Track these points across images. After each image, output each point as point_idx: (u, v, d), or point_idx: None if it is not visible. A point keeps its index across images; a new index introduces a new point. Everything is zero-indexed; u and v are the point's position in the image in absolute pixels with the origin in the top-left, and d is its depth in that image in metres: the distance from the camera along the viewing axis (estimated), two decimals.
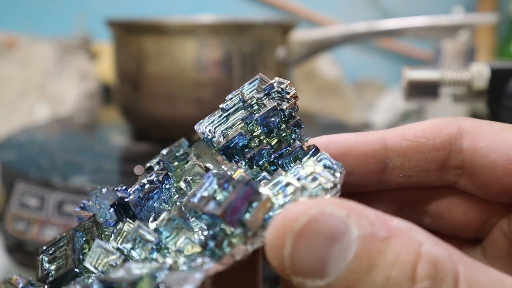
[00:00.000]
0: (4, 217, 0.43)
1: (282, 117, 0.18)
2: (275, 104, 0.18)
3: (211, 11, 0.79)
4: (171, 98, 0.50)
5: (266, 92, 0.19)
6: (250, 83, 0.19)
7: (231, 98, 0.19)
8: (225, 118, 0.18)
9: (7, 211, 0.43)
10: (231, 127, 0.18)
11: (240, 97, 0.18)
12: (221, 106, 0.18)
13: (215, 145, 0.18)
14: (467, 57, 0.75)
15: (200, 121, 0.18)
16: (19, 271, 0.45)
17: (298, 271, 0.13)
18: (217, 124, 0.18)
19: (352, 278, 0.12)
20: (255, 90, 0.19)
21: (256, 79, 0.19)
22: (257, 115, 0.18)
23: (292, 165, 0.18)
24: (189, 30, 0.50)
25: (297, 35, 0.56)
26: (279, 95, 0.19)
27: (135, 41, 0.52)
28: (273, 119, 0.18)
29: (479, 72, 0.35)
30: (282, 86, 0.19)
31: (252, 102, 0.18)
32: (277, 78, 0.19)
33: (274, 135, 0.18)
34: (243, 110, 0.18)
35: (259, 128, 0.18)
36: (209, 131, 0.18)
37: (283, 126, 0.18)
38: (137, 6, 0.97)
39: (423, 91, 0.37)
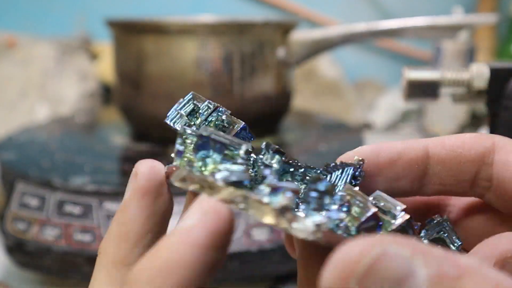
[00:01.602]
0: (4, 217, 0.43)
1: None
2: (375, 210, 0.17)
3: (211, 11, 0.79)
4: (171, 98, 0.50)
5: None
6: (341, 175, 0.19)
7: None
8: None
9: (7, 211, 0.43)
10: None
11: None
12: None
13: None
14: (467, 57, 0.75)
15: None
16: (19, 271, 0.45)
17: None
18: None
19: None
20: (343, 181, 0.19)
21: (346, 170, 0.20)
22: (358, 222, 0.17)
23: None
24: (189, 30, 0.50)
25: (297, 35, 0.56)
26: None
27: (135, 41, 0.52)
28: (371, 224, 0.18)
29: (479, 72, 0.35)
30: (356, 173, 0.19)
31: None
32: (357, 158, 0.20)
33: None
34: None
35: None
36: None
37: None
38: (137, 6, 0.97)
39: (423, 91, 0.37)
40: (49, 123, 0.63)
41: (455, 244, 0.19)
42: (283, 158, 0.19)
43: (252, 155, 0.19)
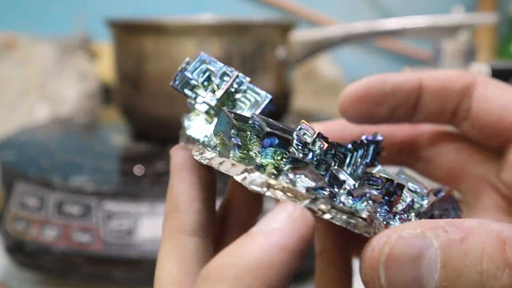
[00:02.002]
0: (4, 217, 0.43)
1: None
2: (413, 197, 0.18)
3: (211, 11, 0.79)
4: (171, 98, 0.50)
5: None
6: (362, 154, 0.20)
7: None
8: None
9: (7, 211, 0.43)
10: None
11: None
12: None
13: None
14: (467, 57, 0.75)
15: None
16: (19, 271, 0.45)
17: None
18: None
19: (447, 286, 0.13)
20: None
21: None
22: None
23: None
24: (189, 30, 0.50)
25: (297, 35, 0.56)
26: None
27: (135, 41, 0.52)
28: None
29: (479, 72, 0.35)
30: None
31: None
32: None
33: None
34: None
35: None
36: None
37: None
38: (137, 6, 0.97)
39: None
40: (49, 123, 0.63)
41: (458, 213, 0.20)
42: (324, 143, 0.18)
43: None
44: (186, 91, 0.20)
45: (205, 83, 0.20)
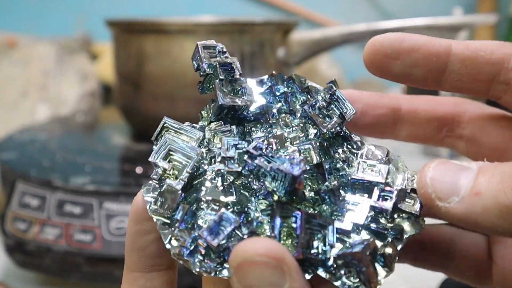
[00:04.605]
0: (5, 217, 0.43)
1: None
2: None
3: (211, 11, 0.79)
4: (171, 98, 0.50)
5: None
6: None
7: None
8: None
9: (7, 211, 0.43)
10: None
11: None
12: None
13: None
14: None
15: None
16: (19, 271, 0.45)
17: (439, 193, 0.17)
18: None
19: (478, 188, 0.16)
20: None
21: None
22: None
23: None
24: (189, 30, 0.50)
25: (297, 35, 0.56)
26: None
27: (135, 41, 0.52)
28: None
29: None
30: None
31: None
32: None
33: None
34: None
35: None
36: None
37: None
38: (137, 6, 0.97)
39: (424, 90, 0.37)
40: (49, 123, 0.63)
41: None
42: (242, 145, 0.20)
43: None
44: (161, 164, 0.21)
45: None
